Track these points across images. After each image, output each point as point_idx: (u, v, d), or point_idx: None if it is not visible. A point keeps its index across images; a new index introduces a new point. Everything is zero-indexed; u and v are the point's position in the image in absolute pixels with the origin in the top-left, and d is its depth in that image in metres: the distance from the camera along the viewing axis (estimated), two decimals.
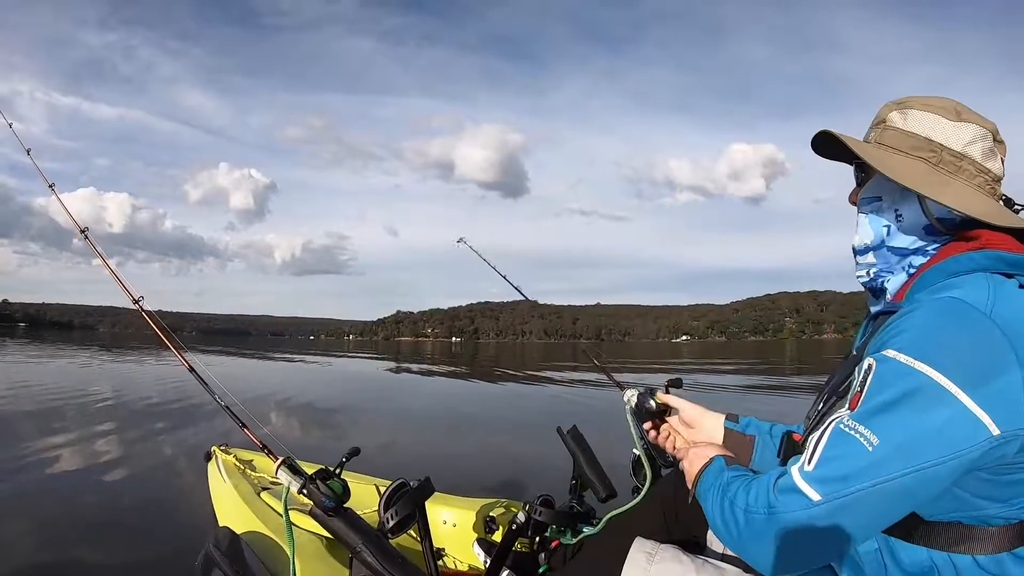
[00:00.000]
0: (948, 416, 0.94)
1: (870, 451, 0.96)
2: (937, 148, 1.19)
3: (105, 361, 22.22)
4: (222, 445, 3.34)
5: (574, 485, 2.21)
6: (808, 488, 1.00)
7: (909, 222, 1.22)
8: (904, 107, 1.25)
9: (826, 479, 0.99)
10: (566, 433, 2.27)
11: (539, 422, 9.02)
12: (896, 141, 1.23)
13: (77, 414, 8.68)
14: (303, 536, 2.22)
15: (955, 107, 1.21)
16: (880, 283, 1.29)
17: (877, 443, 0.96)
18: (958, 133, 1.19)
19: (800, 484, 1.01)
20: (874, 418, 0.98)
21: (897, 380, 0.98)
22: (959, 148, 1.19)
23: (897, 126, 1.24)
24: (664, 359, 36.34)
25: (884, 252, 1.26)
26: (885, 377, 1.00)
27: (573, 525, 2.09)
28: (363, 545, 1.91)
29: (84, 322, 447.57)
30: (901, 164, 1.20)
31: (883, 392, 0.99)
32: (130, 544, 3.55)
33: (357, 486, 2.16)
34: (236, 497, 2.70)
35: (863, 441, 0.97)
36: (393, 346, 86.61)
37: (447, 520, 2.64)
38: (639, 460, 2.05)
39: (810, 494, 0.99)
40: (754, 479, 1.14)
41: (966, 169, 1.18)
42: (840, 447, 1.00)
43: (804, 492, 1.00)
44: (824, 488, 0.98)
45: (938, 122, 1.20)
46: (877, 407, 0.99)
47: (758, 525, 1.06)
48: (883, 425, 0.97)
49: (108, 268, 2.75)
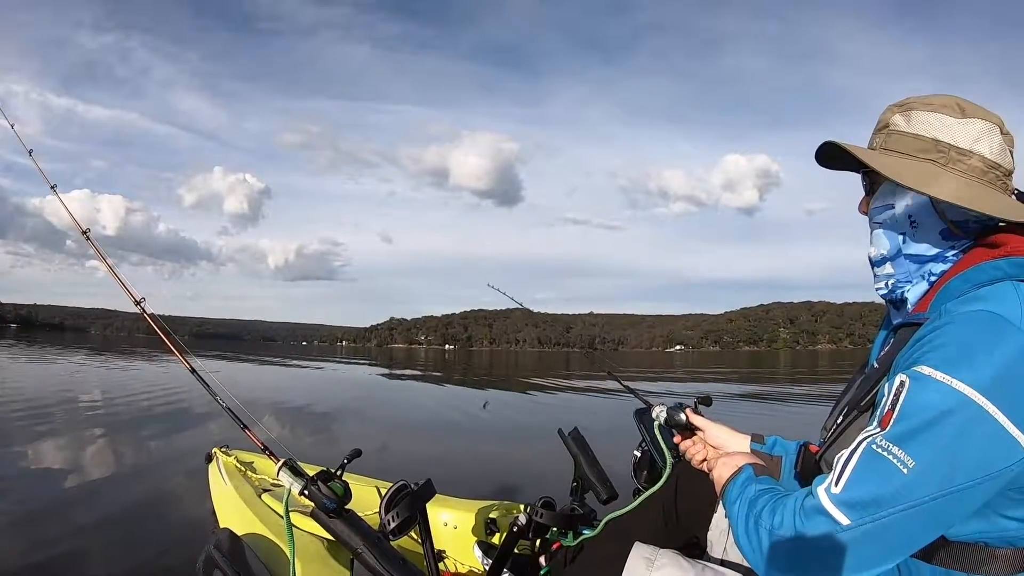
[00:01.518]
0: (985, 437, 0.92)
1: (904, 474, 0.93)
2: (945, 148, 1.15)
3: (101, 364, 22.11)
4: (223, 447, 3.34)
5: (575, 487, 2.22)
6: (836, 512, 0.97)
7: (924, 228, 1.18)
8: (906, 109, 1.21)
9: (856, 503, 0.95)
10: (567, 435, 2.28)
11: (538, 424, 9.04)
12: (902, 145, 1.19)
13: (76, 417, 8.64)
14: (304, 538, 2.22)
15: (958, 103, 1.17)
16: (900, 294, 1.24)
17: (912, 466, 0.93)
18: (964, 130, 1.15)
19: (828, 507, 0.98)
20: (909, 439, 0.95)
21: (933, 399, 0.95)
22: (967, 145, 1.14)
23: (901, 129, 1.20)
24: (658, 368, 36.34)
25: (902, 261, 1.22)
26: (920, 396, 0.96)
27: (574, 527, 2.08)
28: (364, 547, 1.91)
29: (76, 324, 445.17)
30: (910, 168, 1.16)
31: (919, 412, 0.95)
32: (131, 546, 3.54)
33: (358, 488, 2.16)
34: (237, 499, 2.71)
35: (897, 463, 0.94)
36: (386, 353, 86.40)
37: (448, 522, 2.65)
38: (640, 462, 2.06)
39: (839, 518, 0.96)
40: (781, 497, 1.10)
41: (975, 166, 1.14)
42: (872, 469, 0.96)
43: (832, 516, 0.97)
44: (854, 513, 0.95)
45: (943, 121, 1.16)
46: (913, 428, 0.95)
47: (783, 548, 1.03)
48: (919, 447, 0.94)
49: (109, 270, 2.75)
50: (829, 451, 1.23)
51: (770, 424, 10.42)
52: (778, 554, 1.03)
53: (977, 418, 0.92)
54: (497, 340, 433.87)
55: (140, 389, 12.79)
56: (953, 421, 0.93)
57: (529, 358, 74.34)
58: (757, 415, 11.61)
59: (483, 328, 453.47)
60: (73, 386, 13.00)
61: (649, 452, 2.07)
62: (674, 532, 1.76)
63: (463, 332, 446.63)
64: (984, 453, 0.92)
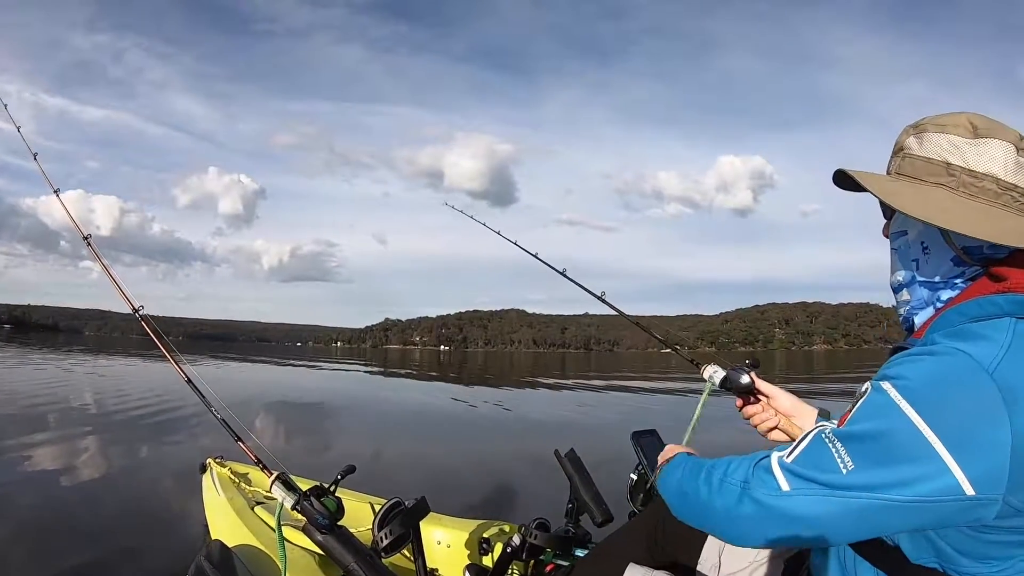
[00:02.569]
0: (924, 467, 0.94)
1: (842, 473, 0.98)
2: (956, 171, 1.12)
3: (96, 367, 22.09)
4: (217, 457, 3.33)
5: (571, 509, 2.21)
6: (780, 476, 1.04)
7: (936, 254, 1.16)
8: (920, 131, 1.18)
9: (797, 474, 1.02)
10: (563, 457, 2.26)
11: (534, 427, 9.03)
12: (914, 170, 1.17)
13: (69, 422, 8.61)
14: (296, 552, 2.22)
15: (971, 122, 1.12)
16: (911, 321, 1.23)
17: (851, 468, 0.98)
18: (977, 151, 1.11)
19: (775, 469, 1.05)
20: (852, 443, 0.99)
21: (883, 414, 0.98)
22: (980, 168, 1.10)
23: (915, 152, 1.17)
24: (654, 369, 36.35)
25: (916, 288, 1.21)
26: (873, 407, 1.00)
27: (568, 549, 2.08)
28: (356, 564, 1.91)
29: (70, 325, 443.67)
30: (916, 195, 1.13)
31: (867, 420, 1.00)
32: (121, 555, 3.53)
33: (351, 504, 2.16)
34: (229, 510, 2.70)
35: (837, 459, 0.99)
36: (381, 354, 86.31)
37: (441, 540, 2.63)
38: (636, 485, 2.05)
39: (781, 482, 1.03)
40: (735, 457, 1.16)
41: (988, 189, 1.10)
42: (817, 455, 1.02)
43: (776, 478, 1.04)
44: (794, 481, 1.02)
45: (954, 143, 1.12)
46: (858, 434, 0.99)
47: (730, 494, 1.10)
48: (859, 453, 0.98)
49: (109, 276, 2.74)
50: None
51: None
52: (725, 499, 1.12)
53: (920, 447, 0.94)
54: (492, 341, 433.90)
55: (134, 394, 12.71)
56: (896, 442, 0.95)
57: (525, 359, 74.30)
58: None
59: (478, 329, 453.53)
60: (65, 392, 12.92)
61: (645, 475, 2.06)
62: (658, 557, 1.75)
63: (458, 333, 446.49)
64: (921, 482, 0.94)
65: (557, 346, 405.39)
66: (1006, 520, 0.96)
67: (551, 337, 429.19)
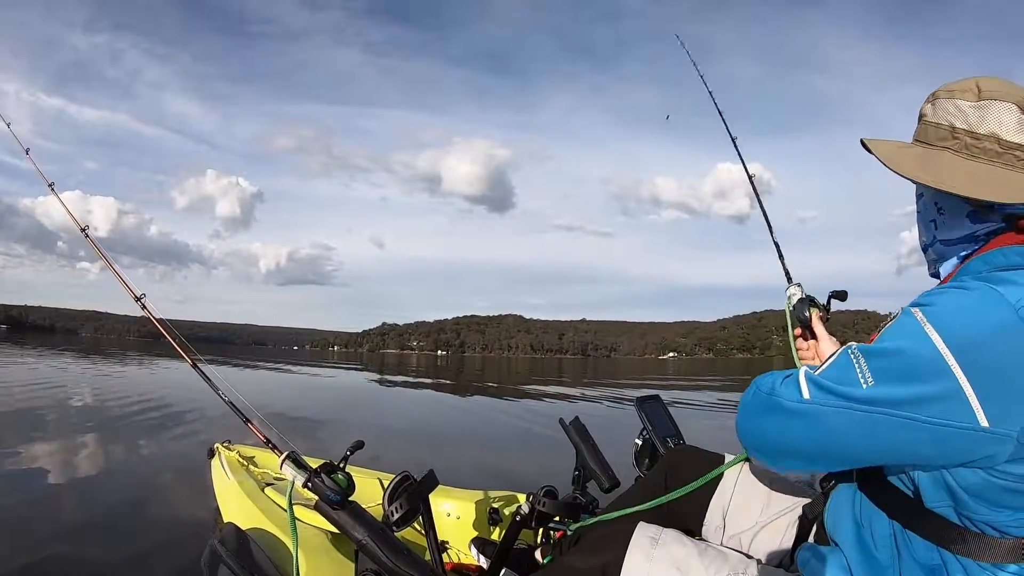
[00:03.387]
0: (941, 387, 0.97)
1: (861, 385, 1.02)
2: (960, 134, 1.17)
3: (96, 364, 22.12)
4: (225, 442, 3.35)
5: (577, 476, 2.25)
6: (805, 386, 1.08)
7: (952, 212, 1.22)
8: (934, 98, 1.24)
9: (820, 385, 1.06)
10: (568, 424, 2.30)
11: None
12: (926, 135, 1.23)
13: (77, 417, 8.63)
14: (308, 530, 2.24)
15: (977, 85, 1.18)
16: (938, 271, 1.30)
17: (871, 383, 1.01)
18: (980, 114, 1.16)
19: (801, 380, 1.09)
20: (875, 359, 1.03)
21: (908, 335, 1.02)
22: (982, 130, 1.15)
23: (928, 119, 1.23)
24: (651, 376, 36.32)
25: (938, 247, 1.27)
26: (900, 328, 1.06)
27: (577, 516, 2.11)
28: (368, 538, 1.95)
29: (67, 326, 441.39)
30: (917, 158, 1.20)
31: (892, 340, 1.05)
32: (135, 541, 3.53)
33: (361, 480, 2.19)
34: (240, 493, 2.72)
35: (859, 373, 1.03)
36: (378, 358, 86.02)
37: (451, 512, 2.67)
38: (641, 450, 2.09)
39: (804, 391, 1.07)
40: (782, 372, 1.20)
41: (989, 149, 1.14)
42: (841, 368, 1.06)
43: (800, 387, 1.08)
44: (815, 391, 1.06)
45: (959, 107, 1.18)
46: (881, 351, 1.04)
47: (758, 401, 1.15)
48: (880, 370, 1.02)
49: (109, 266, 2.77)
50: None
51: None
52: (754, 406, 1.16)
53: (941, 371, 0.97)
54: (490, 346, 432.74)
55: (138, 389, 12.74)
56: (918, 364, 0.99)
57: (522, 364, 74.13)
58: None
59: (475, 334, 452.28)
60: (69, 387, 12.89)
61: (650, 440, 2.10)
62: (664, 518, 1.76)
63: (456, 338, 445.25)
64: (937, 404, 0.97)
65: (554, 351, 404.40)
66: (1018, 465, 0.99)
67: (548, 343, 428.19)
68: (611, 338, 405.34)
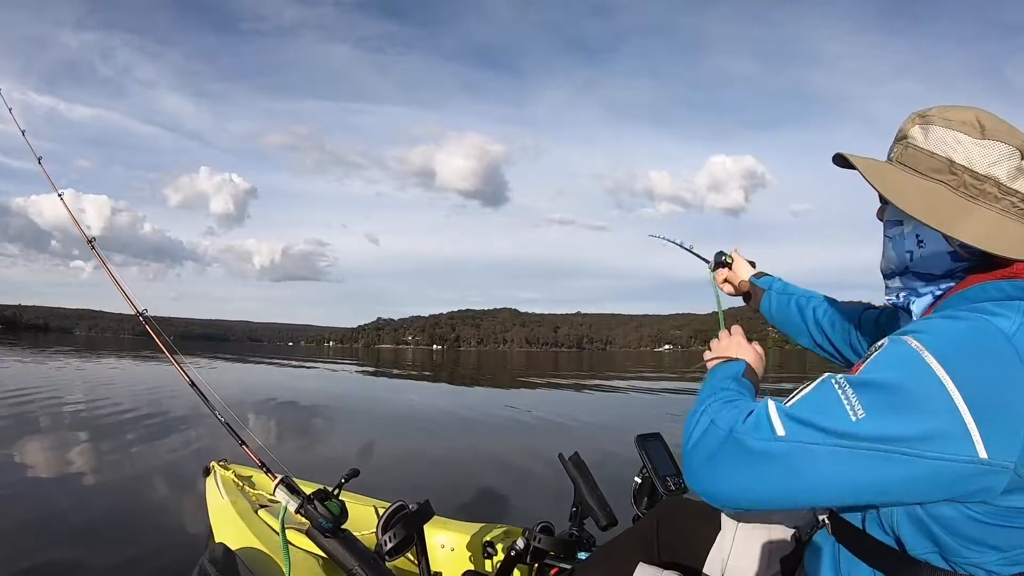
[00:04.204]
0: (941, 421, 0.89)
1: (850, 419, 0.91)
2: (959, 170, 1.09)
3: (93, 367, 22.03)
4: (221, 460, 3.33)
5: (575, 512, 2.20)
6: (777, 420, 0.96)
7: (932, 249, 1.15)
8: (926, 122, 1.15)
9: (797, 419, 0.94)
10: (567, 460, 2.26)
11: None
12: (916, 162, 1.14)
13: (70, 424, 8.55)
14: (299, 555, 2.22)
15: (978, 121, 1.10)
16: (907, 304, 1.22)
17: (861, 416, 0.91)
18: (982, 152, 1.08)
19: (772, 415, 0.97)
20: (866, 390, 0.93)
21: (905, 365, 0.93)
22: (982, 170, 1.08)
23: (919, 144, 1.14)
24: (646, 368, 36.42)
25: (909, 277, 1.20)
26: (894, 357, 0.95)
27: (572, 553, 2.08)
28: (360, 567, 1.93)
29: (61, 325, 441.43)
30: (917, 191, 1.11)
31: (886, 369, 0.94)
32: (125, 558, 3.51)
33: (355, 507, 2.17)
34: (233, 513, 2.70)
35: (847, 407, 0.92)
36: (374, 354, 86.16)
37: (445, 544, 2.63)
38: (640, 488, 2.06)
39: (777, 427, 0.95)
40: (740, 400, 1.11)
41: (989, 192, 1.08)
42: (822, 400, 0.95)
43: (772, 423, 0.96)
44: (791, 426, 0.94)
45: (960, 140, 1.10)
46: (874, 381, 0.93)
47: (714, 440, 1.02)
48: (873, 402, 0.91)
49: (113, 279, 2.76)
50: None
51: None
52: (707, 447, 1.02)
53: (940, 400, 0.89)
54: (485, 340, 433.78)
55: (135, 396, 12.62)
56: (915, 392, 0.90)
57: (518, 358, 74.28)
58: None
59: (471, 328, 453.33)
60: (63, 393, 12.82)
61: (650, 479, 2.07)
62: (662, 559, 1.72)
63: (451, 332, 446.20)
64: (935, 436, 0.89)
65: (550, 345, 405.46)
66: (1013, 497, 0.92)
67: (544, 336, 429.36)
68: (606, 331, 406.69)
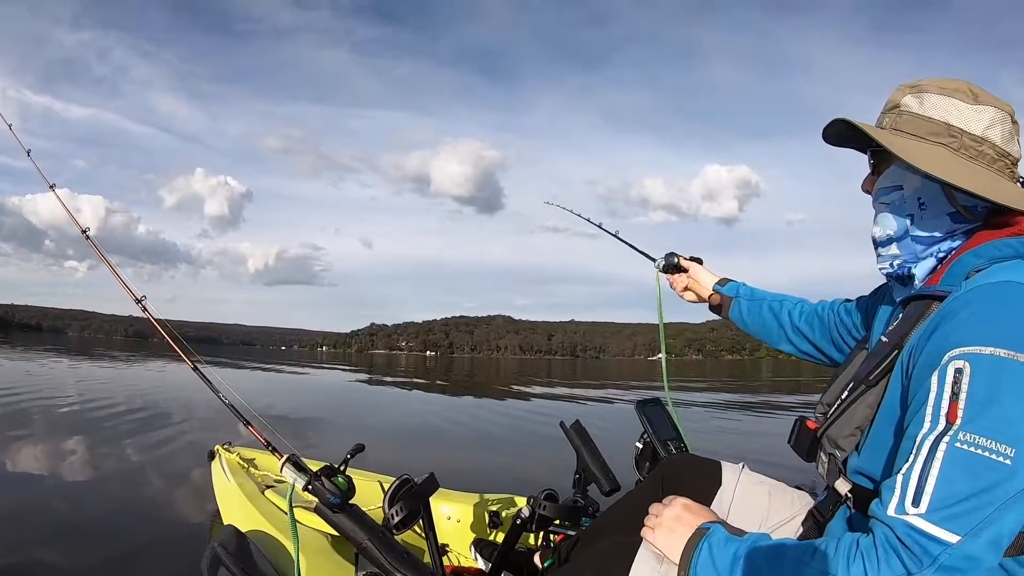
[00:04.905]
0: None
1: (1008, 465, 0.86)
2: (957, 133, 1.15)
3: (88, 364, 21.88)
4: (225, 444, 3.35)
5: (578, 479, 2.25)
6: (937, 529, 0.87)
7: (933, 210, 1.17)
8: (919, 91, 1.20)
9: (958, 515, 0.87)
10: (569, 428, 2.31)
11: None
12: (913, 127, 1.18)
13: (74, 418, 8.51)
14: (308, 533, 2.25)
15: (971, 89, 1.17)
16: (907, 270, 1.23)
17: (1013, 453, 0.86)
18: (977, 116, 1.15)
19: (923, 527, 0.88)
20: (999, 426, 0.88)
21: (1001, 376, 0.89)
22: (979, 132, 1.14)
23: (913, 111, 1.19)
24: (641, 377, 36.36)
25: (908, 242, 1.21)
26: (987, 377, 0.90)
27: (577, 519, 2.12)
28: (368, 541, 1.95)
29: (53, 325, 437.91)
30: (921, 151, 1.14)
31: (999, 396, 0.89)
32: (133, 543, 3.50)
33: (361, 483, 2.20)
34: (240, 495, 2.73)
35: (995, 457, 0.86)
36: (367, 359, 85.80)
37: (451, 515, 2.68)
38: (642, 453, 2.11)
39: (945, 536, 0.86)
40: (829, 541, 0.99)
41: (986, 153, 1.14)
42: (967, 472, 0.87)
43: (933, 534, 0.87)
44: (958, 524, 0.86)
45: (956, 106, 1.16)
46: (1000, 416, 0.88)
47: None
48: (1013, 431, 0.87)
49: (110, 268, 2.77)
50: (834, 427, 1.23)
51: (757, 428, 10.51)
52: None
53: None
54: (478, 347, 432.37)
55: (135, 390, 12.57)
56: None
57: (512, 365, 74.07)
58: (746, 422, 11.64)
59: (464, 335, 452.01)
60: (64, 388, 12.76)
61: (651, 444, 2.11)
62: None
63: (444, 339, 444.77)
64: None
65: (544, 352, 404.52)
66: None
67: (537, 343, 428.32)
68: (600, 339, 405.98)
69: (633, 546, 1.40)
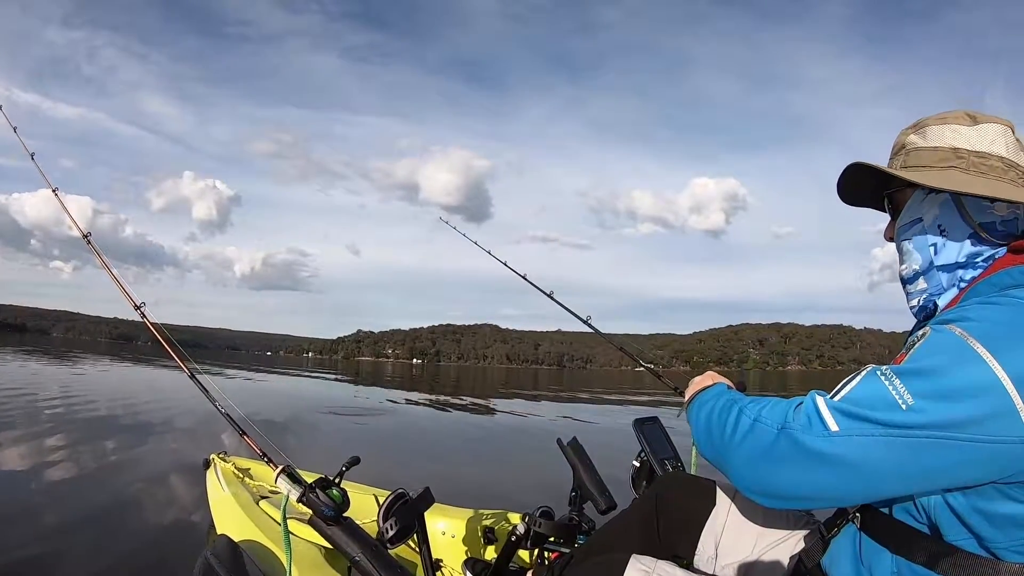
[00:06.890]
0: (991, 403, 0.92)
1: (901, 408, 0.94)
2: (964, 154, 1.19)
3: (80, 366, 21.78)
4: (220, 453, 3.35)
5: (574, 497, 2.25)
6: (828, 416, 0.99)
7: (953, 234, 1.19)
8: (920, 128, 1.25)
9: (848, 414, 0.98)
10: (566, 445, 2.31)
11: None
12: (922, 159, 1.22)
13: (67, 423, 8.41)
14: (302, 545, 2.25)
15: (967, 114, 1.22)
16: (932, 303, 1.24)
17: (911, 404, 0.94)
18: (979, 135, 1.19)
19: (823, 410, 1.00)
20: (914, 378, 0.96)
21: (950, 351, 0.96)
22: (984, 148, 1.18)
23: (919, 145, 1.24)
24: (626, 389, 36.34)
25: (934, 273, 1.22)
26: (939, 344, 0.98)
27: (572, 537, 2.11)
28: (362, 555, 1.94)
29: (38, 326, 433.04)
30: (935, 176, 1.19)
31: (932, 357, 0.97)
32: (126, 550, 3.48)
33: (356, 496, 2.21)
34: (235, 505, 2.72)
35: (896, 396, 0.95)
36: (354, 366, 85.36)
37: (445, 530, 2.68)
38: (639, 472, 2.12)
39: (829, 422, 0.99)
40: (770, 399, 1.13)
41: (995, 167, 1.17)
42: (871, 392, 0.98)
43: (824, 419, 0.99)
44: (844, 421, 0.98)
45: (956, 131, 1.20)
46: (920, 369, 0.97)
47: (764, 438, 1.06)
48: (921, 389, 0.95)
49: (110, 273, 2.78)
50: None
51: None
52: (757, 443, 1.07)
53: (990, 384, 0.92)
54: (465, 355, 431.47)
55: (130, 395, 12.52)
56: (963, 377, 0.94)
57: (498, 374, 73.89)
58: None
59: (451, 343, 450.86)
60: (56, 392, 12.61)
61: (648, 462, 2.12)
62: (656, 544, 1.73)
63: (431, 346, 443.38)
64: (986, 418, 0.92)
65: (530, 362, 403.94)
66: None
67: (524, 353, 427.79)
68: (587, 349, 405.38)
69: (624, 564, 1.41)
